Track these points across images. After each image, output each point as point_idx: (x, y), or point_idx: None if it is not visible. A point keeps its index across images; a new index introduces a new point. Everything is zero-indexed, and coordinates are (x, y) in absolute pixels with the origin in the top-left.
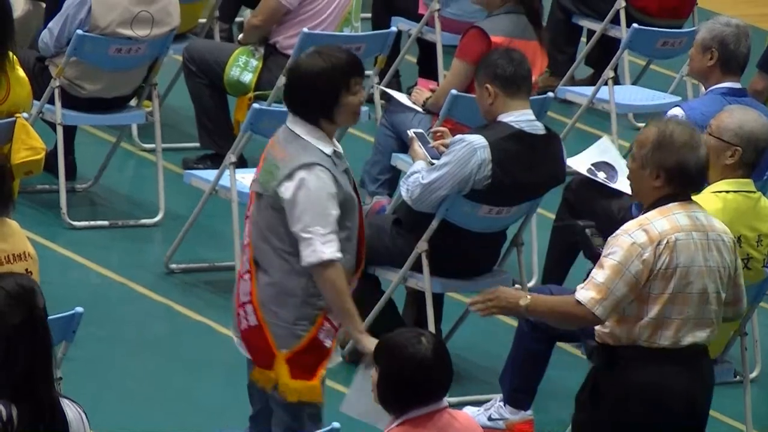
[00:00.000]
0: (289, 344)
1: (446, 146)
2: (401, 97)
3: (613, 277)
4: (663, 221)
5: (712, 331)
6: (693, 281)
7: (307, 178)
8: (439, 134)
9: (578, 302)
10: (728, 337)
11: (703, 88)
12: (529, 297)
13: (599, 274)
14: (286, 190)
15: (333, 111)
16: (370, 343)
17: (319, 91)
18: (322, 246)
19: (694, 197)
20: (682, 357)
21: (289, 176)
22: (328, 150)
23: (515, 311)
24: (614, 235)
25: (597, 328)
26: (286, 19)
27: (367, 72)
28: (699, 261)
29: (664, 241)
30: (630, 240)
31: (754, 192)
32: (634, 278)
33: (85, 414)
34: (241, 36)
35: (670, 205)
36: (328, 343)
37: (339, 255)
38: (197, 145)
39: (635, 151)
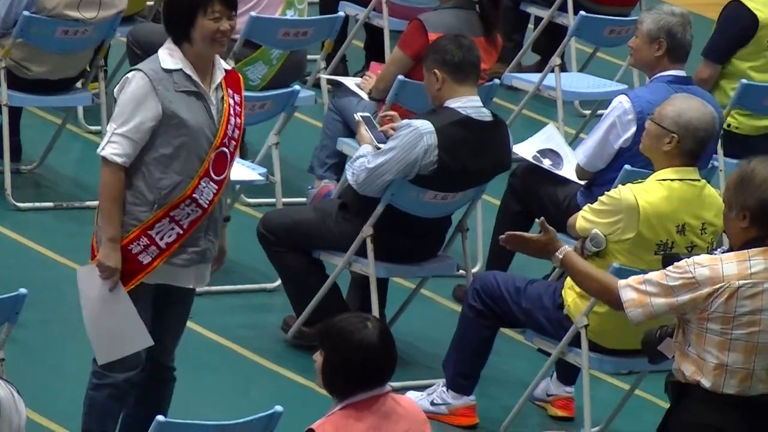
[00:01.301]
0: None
1: (395, 129)
2: (349, 81)
3: (660, 297)
4: (733, 265)
5: None
6: (762, 330)
7: (130, 80)
8: (388, 118)
9: (619, 288)
10: None
11: (647, 77)
12: (567, 248)
13: (651, 283)
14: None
15: (190, 33)
16: (107, 255)
17: (176, 12)
18: (108, 143)
19: (637, 184)
20: (749, 405)
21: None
22: (171, 66)
23: (546, 254)
24: (688, 261)
25: (674, 364)
26: None
27: (313, 57)
28: None
29: (726, 286)
30: (691, 273)
31: (699, 180)
32: (678, 305)
33: (18, 393)
34: None
35: (752, 250)
36: (145, 259)
37: (117, 158)
38: None
39: (724, 193)
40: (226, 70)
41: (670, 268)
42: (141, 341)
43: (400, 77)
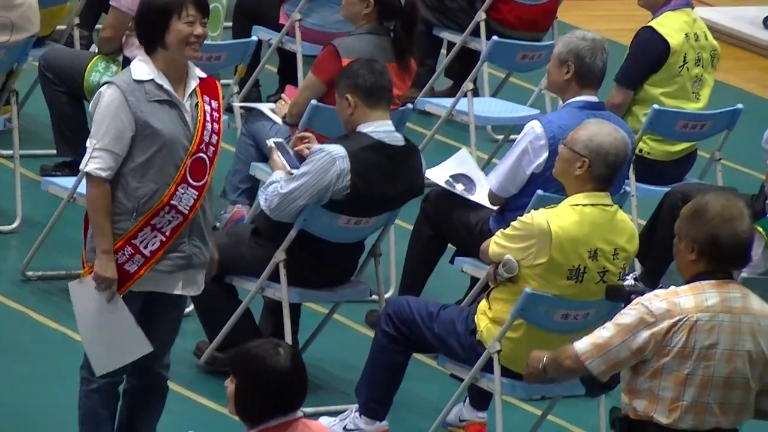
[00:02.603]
0: (91, 259)
1: (309, 150)
2: (263, 106)
3: (617, 338)
4: (690, 298)
5: (740, 417)
6: (716, 364)
7: (103, 94)
8: (306, 140)
9: (575, 355)
10: None
11: (561, 102)
12: (545, 358)
13: (605, 330)
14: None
15: (164, 37)
16: (103, 266)
17: (150, 18)
18: (90, 159)
19: (550, 209)
20: None
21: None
22: (142, 76)
23: (539, 375)
24: (640, 298)
25: (622, 398)
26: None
27: (226, 81)
28: (725, 344)
29: (684, 320)
30: (646, 309)
31: (611, 205)
32: (638, 347)
33: None
34: (95, 48)
35: (704, 282)
36: (131, 268)
37: (101, 172)
38: (55, 152)
39: (676, 223)
40: (200, 78)
41: (625, 309)
42: (140, 348)
43: (314, 102)
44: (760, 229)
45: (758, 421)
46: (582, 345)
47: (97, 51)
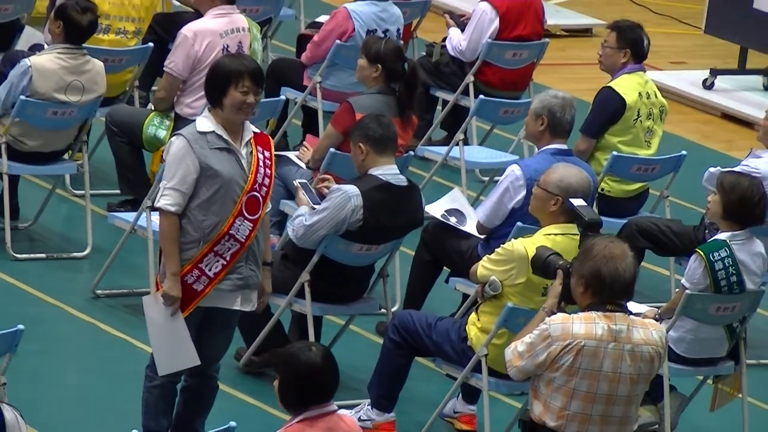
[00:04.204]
0: (163, 280)
1: (328, 189)
2: (290, 154)
3: (526, 353)
4: (582, 325)
5: (622, 428)
6: (599, 384)
7: (173, 143)
8: (326, 181)
9: (506, 359)
10: None
11: (536, 149)
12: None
13: (520, 344)
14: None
15: (222, 101)
16: (171, 287)
17: (214, 82)
18: (161, 196)
19: (527, 237)
20: None
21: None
22: (205, 128)
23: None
24: (548, 321)
25: (531, 404)
26: (184, 87)
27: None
28: (608, 368)
29: (574, 343)
30: (546, 331)
31: (577, 234)
32: (540, 362)
33: (21, 416)
34: (151, 106)
35: (595, 313)
36: (198, 287)
37: (170, 207)
38: (119, 192)
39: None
40: (255, 132)
41: (534, 330)
42: (191, 360)
43: (332, 150)
44: (701, 252)
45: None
46: (507, 354)
47: (153, 108)
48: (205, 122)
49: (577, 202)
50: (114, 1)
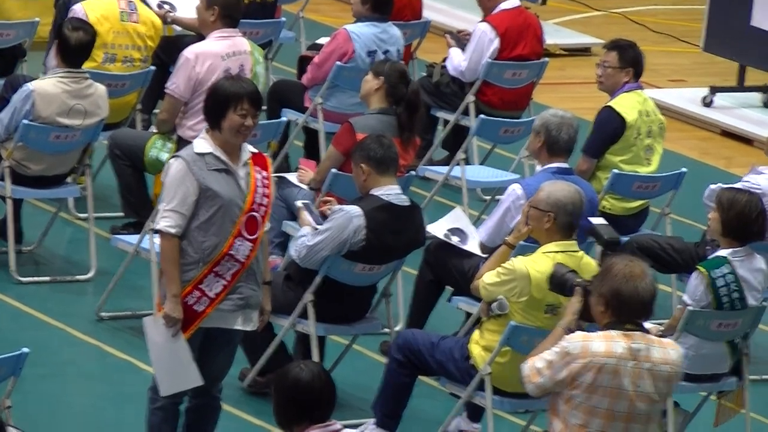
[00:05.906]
0: (163, 301)
1: (330, 210)
2: (291, 176)
3: (545, 369)
4: (602, 344)
5: None
6: (619, 401)
7: (171, 165)
8: (328, 202)
9: (523, 375)
10: None
11: (537, 167)
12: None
13: (539, 360)
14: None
15: (220, 123)
16: (172, 308)
17: (213, 104)
18: (161, 218)
19: (527, 256)
20: None
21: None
22: (203, 150)
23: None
24: (567, 339)
25: (548, 420)
26: (186, 109)
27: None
28: (627, 386)
29: (595, 361)
30: (566, 349)
31: (577, 251)
32: (560, 379)
33: None
34: (153, 129)
35: (615, 332)
36: (199, 308)
37: (170, 229)
38: (122, 214)
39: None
40: (252, 152)
41: (553, 348)
42: (194, 381)
43: (333, 170)
44: (702, 269)
45: None
46: (524, 369)
47: (155, 131)
48: (203, 144)
49: (597, 221)
50: (118, 30)
